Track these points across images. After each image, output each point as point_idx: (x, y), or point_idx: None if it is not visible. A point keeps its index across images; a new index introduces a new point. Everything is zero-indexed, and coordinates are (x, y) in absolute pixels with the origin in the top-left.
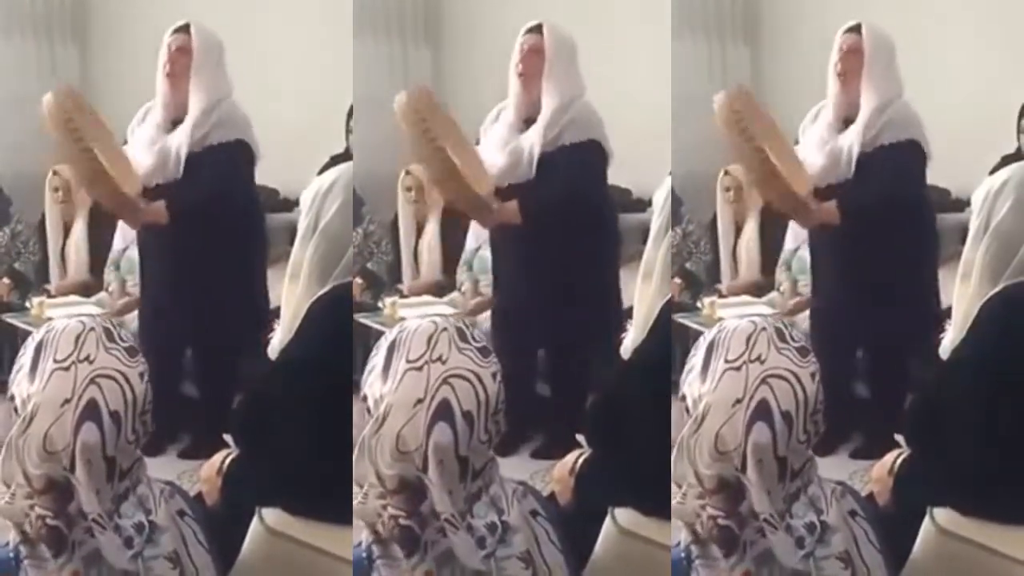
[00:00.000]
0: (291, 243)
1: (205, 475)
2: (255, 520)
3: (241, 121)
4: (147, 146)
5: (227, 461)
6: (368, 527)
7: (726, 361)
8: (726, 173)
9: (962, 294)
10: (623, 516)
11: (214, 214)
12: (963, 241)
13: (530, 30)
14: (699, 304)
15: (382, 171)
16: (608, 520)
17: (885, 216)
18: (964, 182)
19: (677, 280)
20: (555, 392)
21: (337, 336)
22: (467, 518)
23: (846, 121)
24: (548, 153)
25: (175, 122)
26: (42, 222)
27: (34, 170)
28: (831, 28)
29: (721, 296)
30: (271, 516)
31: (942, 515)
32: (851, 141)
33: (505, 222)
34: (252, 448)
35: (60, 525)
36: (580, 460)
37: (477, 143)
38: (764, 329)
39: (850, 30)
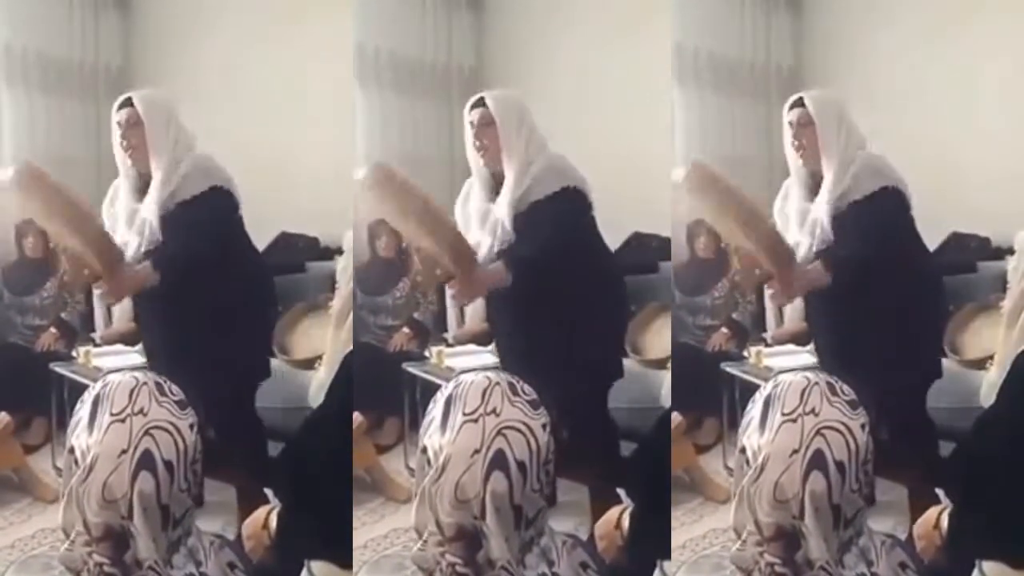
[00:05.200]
0: (332, 291)
1: (249, 531)
2: (304, 574)
3: (212, 170)
4: (126, 221)
5: (272, 515)
6: (426, 574)
7: (783, 414)
8: None
9: (1004, 341)
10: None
11: (202, 266)
12: (1003, 289)
13: (474, 105)
14: (746, 353)
15: None
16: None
17: (875, 268)
18: (1004, 230)
19: (724, 330)
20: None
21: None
22: (519, 568)
23: (813, 191)
24: (520, 214)
25: (142, 190)
26: None
27: None
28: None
29: (767, 345)
30: (319, 569)
31: (992, 568)
32: (822, 207)
33: (494, 284)
34: (296, 501)
35: (116, 573)
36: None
37: None
38: (817, 384)
39: (794, 105)
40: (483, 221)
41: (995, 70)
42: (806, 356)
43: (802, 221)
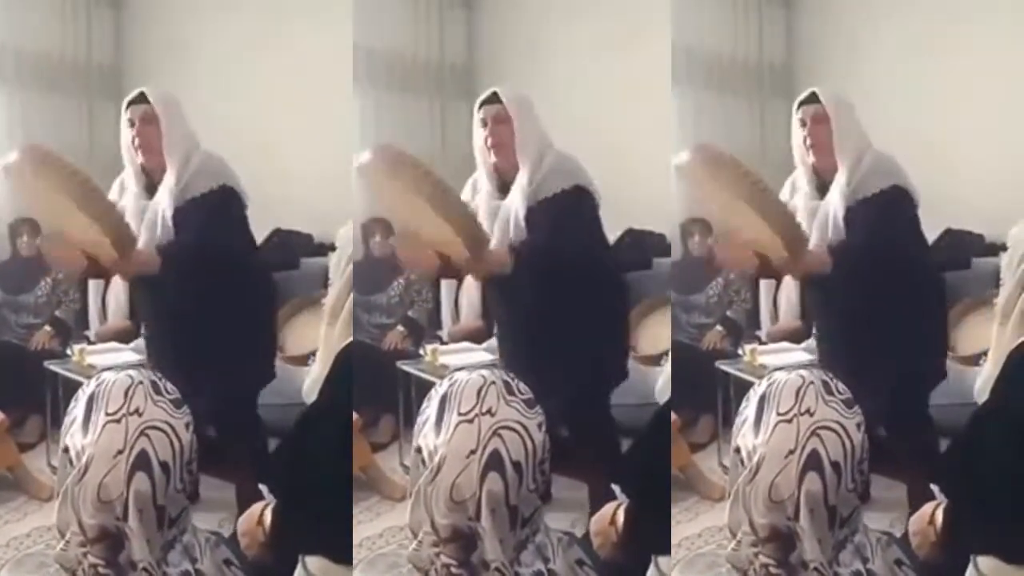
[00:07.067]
0: (326, 287)
1: (244, 528)
2: (299, 569)
3: (220, 167)
4: (134, 217)
5: (267, 511)
6: (421, 574)
7: (778, 414)
8: None
9: (997, 337)
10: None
11: (210, 262)
12: (997, 285)
13: (487, 101)
14: (740, 351)
15: None
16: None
17: (877, 265)
18: (997, 227)
19: (719, 328)
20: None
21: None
22: (515, 566)
23: (821, 188)
24: (531, 209)
25: (150, 187)
26: None
27: None
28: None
29: (761, 343)
30: (314, 564)
31: (986, 563)
32: (835, 202)
33: (495, 270)
34: (291, 497)
35: (111, 574)
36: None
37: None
38: (812, 383)
39: (806, 101)
40: (492, 217)
41: (987, 66)
42: (801, 354)
43: (811, 217)
